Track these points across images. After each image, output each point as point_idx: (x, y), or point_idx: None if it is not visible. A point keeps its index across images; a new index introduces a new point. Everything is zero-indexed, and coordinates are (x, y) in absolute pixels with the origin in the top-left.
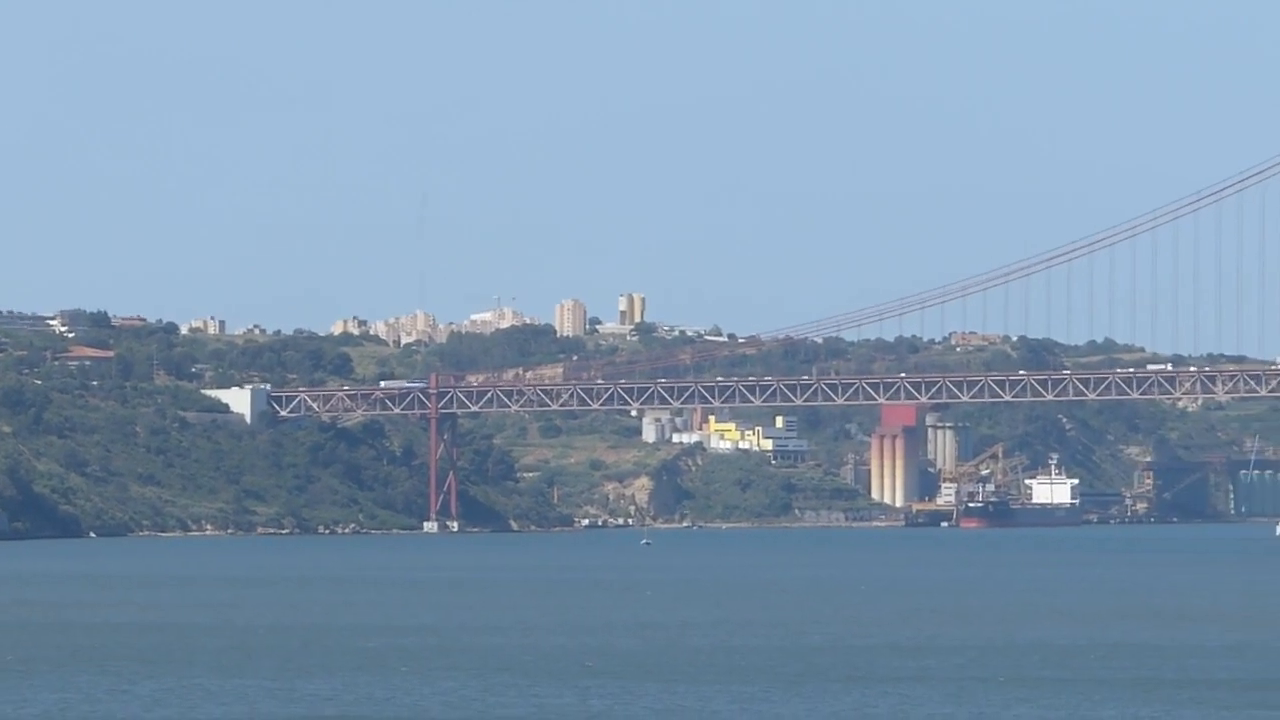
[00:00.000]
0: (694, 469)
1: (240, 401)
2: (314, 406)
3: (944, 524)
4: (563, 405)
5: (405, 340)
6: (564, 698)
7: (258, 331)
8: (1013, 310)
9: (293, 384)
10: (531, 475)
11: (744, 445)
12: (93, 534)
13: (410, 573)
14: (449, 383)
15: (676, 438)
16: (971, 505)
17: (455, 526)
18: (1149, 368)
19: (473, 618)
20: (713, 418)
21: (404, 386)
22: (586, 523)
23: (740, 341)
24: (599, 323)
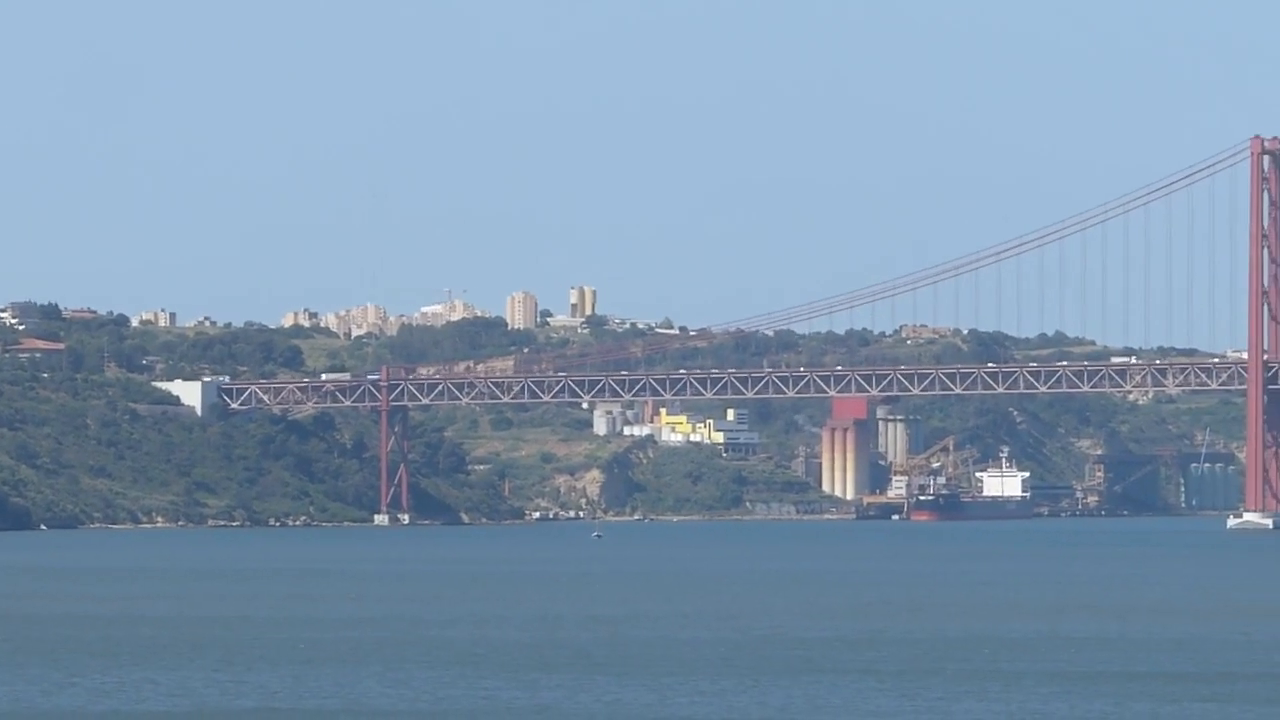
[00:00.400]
0: (645, 462)
1: (191, 394)
2: (265, 399)
3: (895, 517)
4: (514, 398)
5: (356, 332)
6: (513, 691)
7: (208, 324)
8: (963, 303)
9: (243, 376)
10: (482, 468)
11: (695, 438)
12: (43, 526)
13: (359, 565)
14: (400, 375)
15: (628, 430)
16: (922, 498)
17: (406, 519)
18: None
19: (421, 610)
20: (664, 410)
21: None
22: (538, 515)
23: (691, 334)
24: (550, 315)
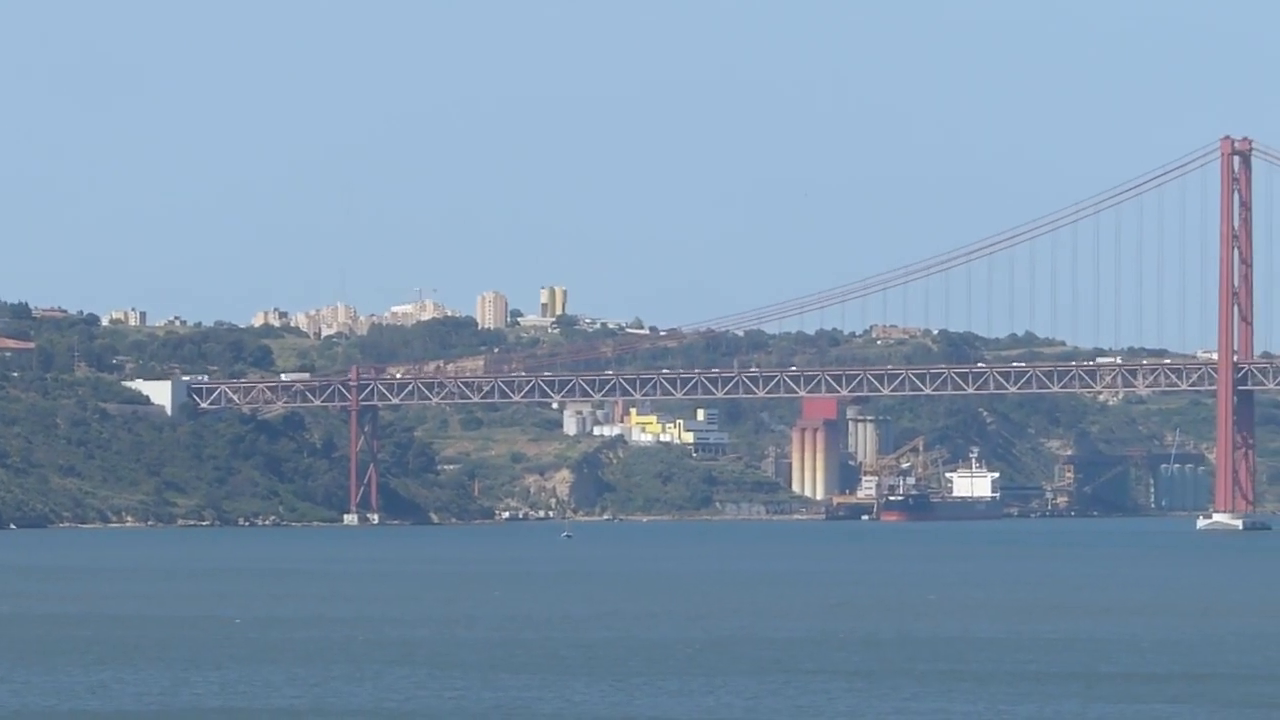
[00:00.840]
0: (615, 462)
1: (161, 393)
2: (234, 398)
3: (864, 517)
4: (484, 398)
5: (326, 332)
6: (480, 691)
7: (178, 323)
8: (933, 303)
9: (213, 376)
10: (452, 468)
11: (665, 438)
12: (13, 525)
13: (328, 565)
14: (369, 375)
15: (597, 430)
16: (892, 498)
17: (375, 519)
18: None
19: (389, 610)
20: (634, 410)
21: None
22: (507, 515)
23: (661, 334)
24: (520, 315)
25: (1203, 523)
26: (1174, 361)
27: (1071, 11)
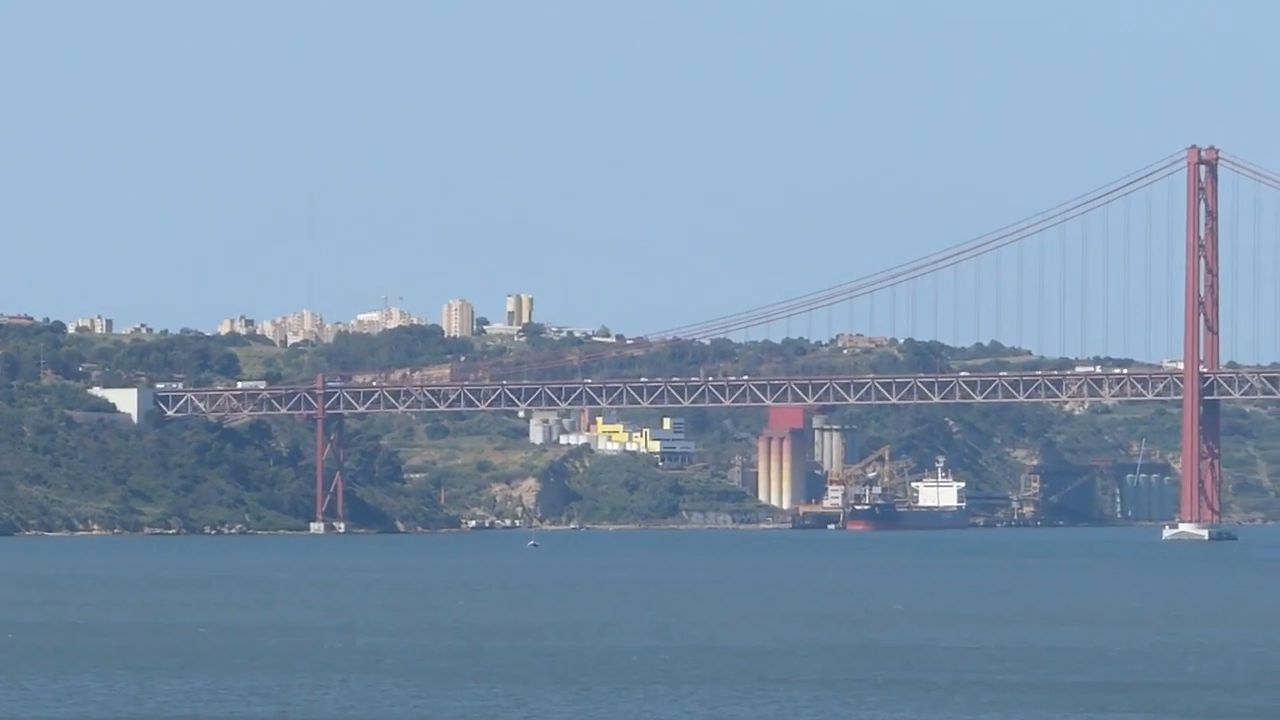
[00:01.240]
0: (581, 470)
1: (127, 401)
2: (200, 406)
3: (831, 526)
4: (450, 406)
5: (292, 340)
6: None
7: (145, 331)
8: (900, 313)
9: (180, 383)
10: (418, 476)
11: (631, 447)
12: None
13: (293, 574)
14: (336, 383)
15: (564, 439)
16: (858, 507)
17: (342, 527)
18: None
19: (352, 618)
20: (600, 419)
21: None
22: (474, 524)
23: (628, 343)
24: (486, 323)
25: (1168, 533)
26: (1140, 371)
27: (1040, 22)
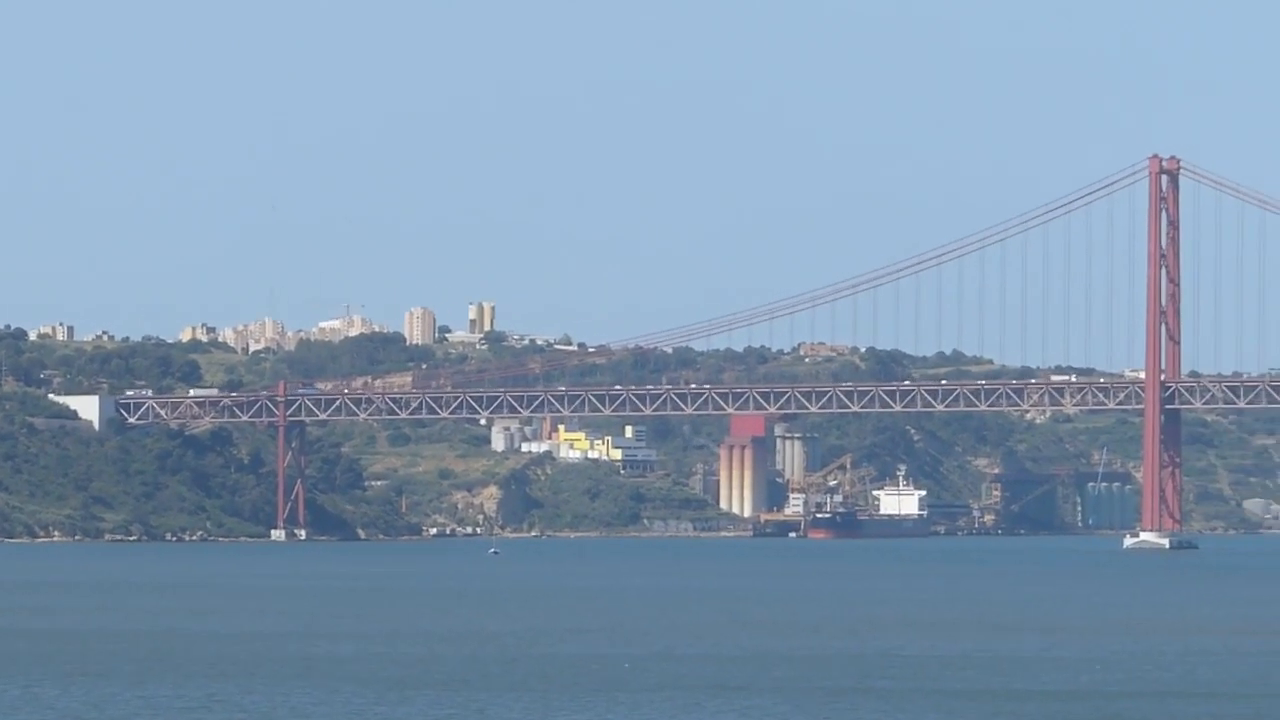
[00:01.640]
0: (543, 478)
1: (88, 408)
2: (162, 413)
3: (792, 534)
4: (411, 414)
5: (254, 347)
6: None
7: (106, 338)
8: (861, 321)
9: (148, 390)
10: (380, 484)
11: (593, 455)
12: None
13: (253, 581)
14: (297, 390)
15: (525, 447)
16: (819, 516)
17: (303, 535)
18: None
19: (310, 625)
20: (562, 427)
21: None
22: (435, 532)
23: (590, 351)
24: (448, 331)
25: (1129, 541)
26: (1101, 380)
27: (1000, 32)
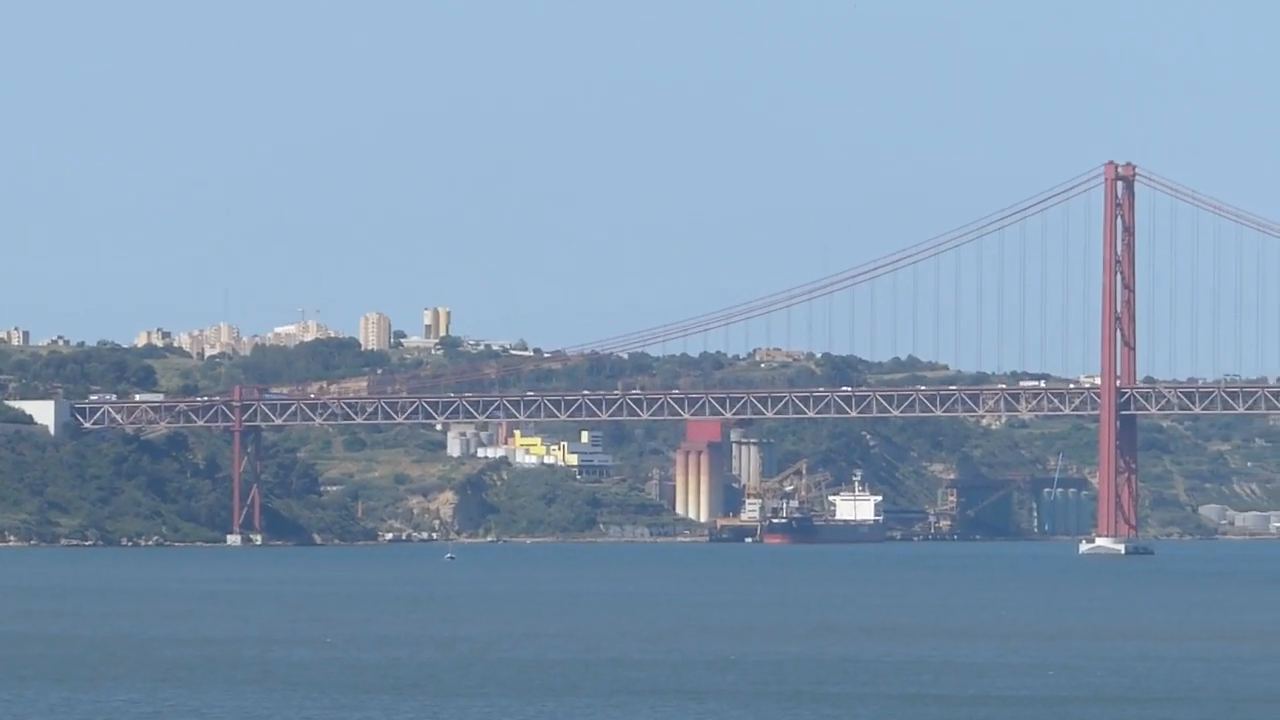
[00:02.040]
0: (499, 483)
1: (44, 413)
2: (117, 418)
3: (748, 540)
4: (367, 419)
5: (209, 352)
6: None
7: (62, 343)
8: (816, 327)
9: (112, 395)
10: (335, 489)
11: (549, 460)
12: None
13: (209, 585)
14: (253, 395)
15: (481, 452)
16: (775, 521)
17: (258, 540)
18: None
19: (265, 630)
20: (518, 432)
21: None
22: (390, 537)
23: (545, 356)
24: (404, 336)
25: (1085, 547)
26: (1057, 386)
27: (956, 36)
